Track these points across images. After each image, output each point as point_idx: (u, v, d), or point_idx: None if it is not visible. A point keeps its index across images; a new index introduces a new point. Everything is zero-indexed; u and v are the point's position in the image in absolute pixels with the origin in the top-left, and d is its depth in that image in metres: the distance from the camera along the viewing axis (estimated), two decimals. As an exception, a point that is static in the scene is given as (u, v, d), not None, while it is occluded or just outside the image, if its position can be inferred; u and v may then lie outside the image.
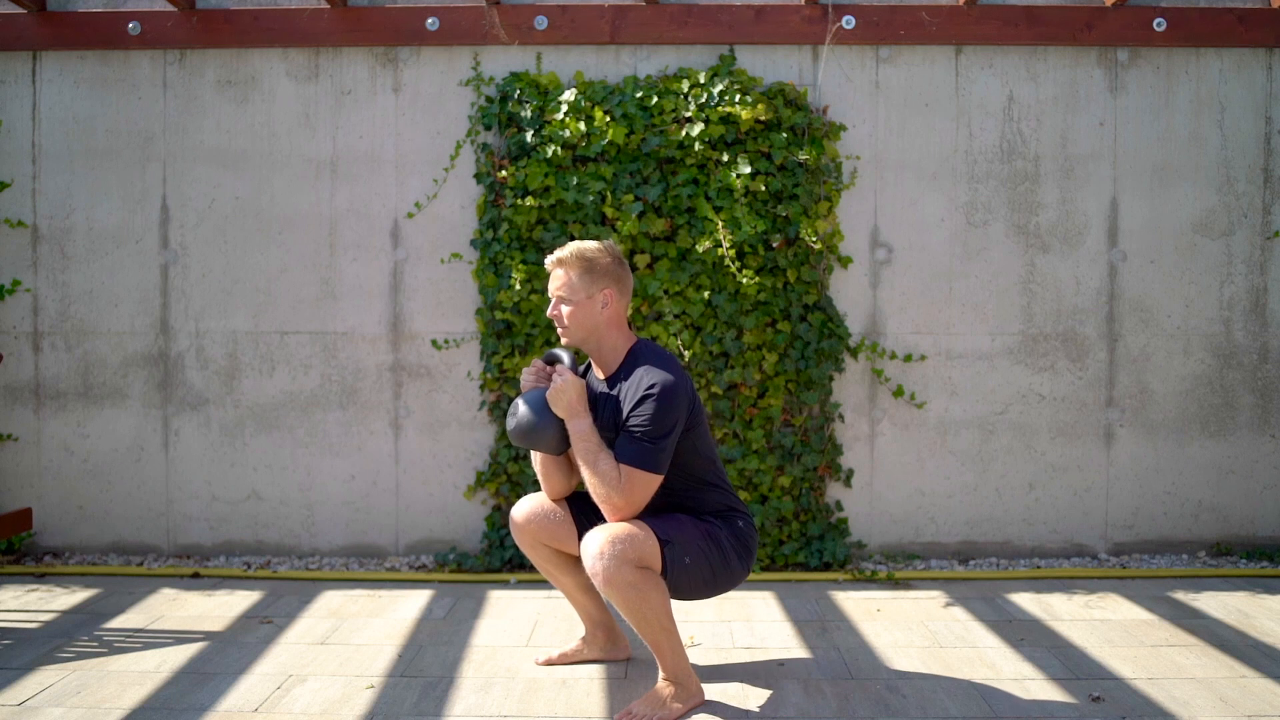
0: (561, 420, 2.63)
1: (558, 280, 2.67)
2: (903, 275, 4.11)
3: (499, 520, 4.08)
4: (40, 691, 2.74)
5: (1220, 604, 3.52)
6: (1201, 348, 4.14)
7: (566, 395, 2.60)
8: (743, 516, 2.70)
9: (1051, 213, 4.12)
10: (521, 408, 2.67)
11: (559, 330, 2.69)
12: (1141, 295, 4.13)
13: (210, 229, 4.15)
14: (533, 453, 2.80)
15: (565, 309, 2.65)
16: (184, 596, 3.67)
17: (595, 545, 2.47)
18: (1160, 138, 4.12)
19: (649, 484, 2.52)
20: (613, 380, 2.67)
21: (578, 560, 2.87)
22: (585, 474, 2.56)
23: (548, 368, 2.74)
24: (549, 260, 2.69)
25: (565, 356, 2.70)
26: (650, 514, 2.60)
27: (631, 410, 2.54)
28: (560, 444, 2.68)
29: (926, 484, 4.13)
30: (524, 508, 2.82)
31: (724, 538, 2.63)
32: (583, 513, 2.78)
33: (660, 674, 2.62)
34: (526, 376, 2.74)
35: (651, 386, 2.53)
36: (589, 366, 2.82)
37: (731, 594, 3.68)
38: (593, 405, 2.67)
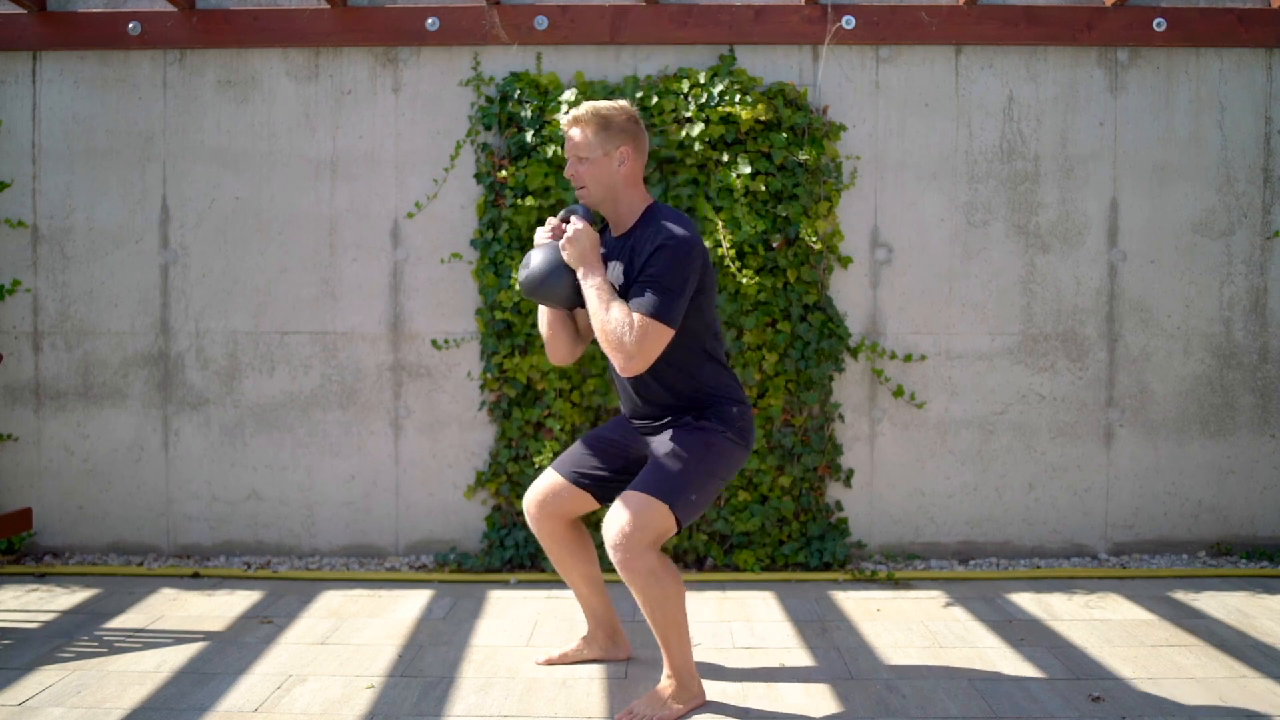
0: (573, 272, 2.60)
1: (575, 138, 2.64)
2: (903, 275, 4.11)
3: (499, 520, 4.08)
4: (40, 691, 2.74)
5: (1220, 604, 3.52)
6: (1201, 348, 4.14)
7: (579, 243, 2.56)
8: (737, 402, 2.67)
9: (1051, 213, 4.12)
10: (534, 258, 2.63)
11: (577, 191, 2.67)
12: (1141, 295, 4.13)
13: (210, 229, 4.15)
14: (540, 312, 2.78)
15: (582, 167, 2.63)
16: (184, 596, 3.67)
17: (613, 533, 2.47)
18: (1160, 138, 4.12)
19: (662, 334, 2.48)
20: (628, 236, 2.65)
21: (590, 552, 2.87)
22: (596, 323, 2.51)
23: (562, 225, 2.70)
24: (565, 119, 2.66)
25: (580, 210, 2.68)
26: (643, 414, 2.63)
27: (646, 261, 2.51)
28: (571, 297, 2.64)
29: (926, 484, 4.13)
30: (534, 494, 2.82)
31: (718, 440, 2.61)
32: (588, 488, 2.78)
33: (664, 671, 2.62)
34: (541, 233, 2.72)
35: (668, 238, 2.50)
36: (605, 228, 2.78)
37: (731, 594, 3.68)
38: (606, 262, 2.65)
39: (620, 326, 2.47)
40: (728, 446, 2.62)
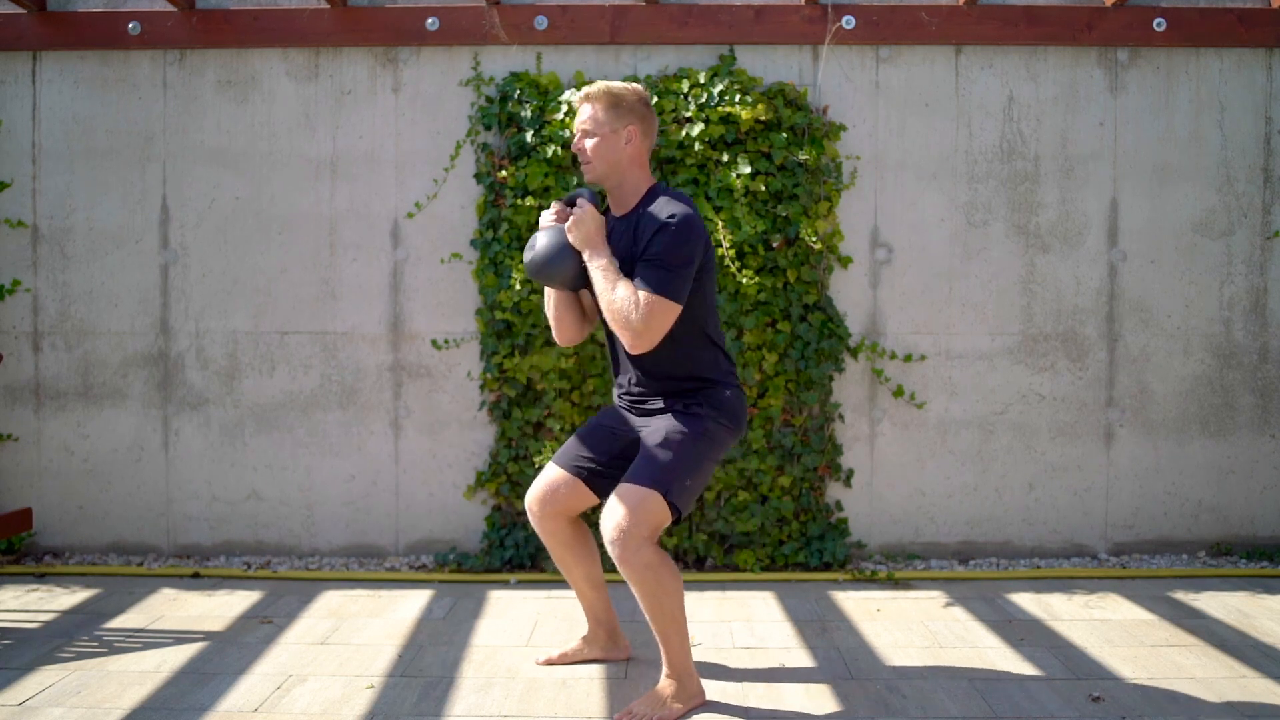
0: (578, 254, 2.62)
1: (584, 114, 2.66)
2: (903, 275, 4.11)
3: (499, 520, 4.08)
4: (40, 691, 2.74)
5: (1220, 604, 3.52)
6: (1201, 348, 4.14)
7: (585, 225, 2.59)
8: (730, 384, 2.69)
9: (1051, 213, 4.12)
10: (540, 240, 2.65)
11: (582, 165, 2.69)
12: (1141, 295, 4.13)
13: (210, 229, 4.15)
14: (546, 294, 2.80)
15: (589, 142, 2.65)
16: (184, 596, 3.67)
17: (610, 528, 2.48)
18: (1160, 138, 4.12)
19: (668, 311, 2.50)
20: (630, 216, 2.67)
21: (592, 552, 2.88)
22: (603, 302, 2.54)
23: (568, 209, 2.72)
24: (576, 96, 2.69)
25: (585, 193, 2.70)
26: (640, 406, 2.67)
27: (649, 240, 2.53)
28: (576, 278, 2.66)
29: (926, 484, 4.13)
30: (535, 492, 2.82)
31: (709, 426, 2.62)
32: (586, 479, 2.78)
33: (663, 671, 2.62)
34: (546, 216, 2.74)
35: (671, 216, 2.53)
36: (608, 209, 2.80)
37: (731, 594, 3.68)
38: (609, 242, 2.66)
39: (627, 304, 2.49)
40: (718, 431, 2.64)
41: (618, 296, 2.51)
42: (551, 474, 2.82)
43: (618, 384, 2.82)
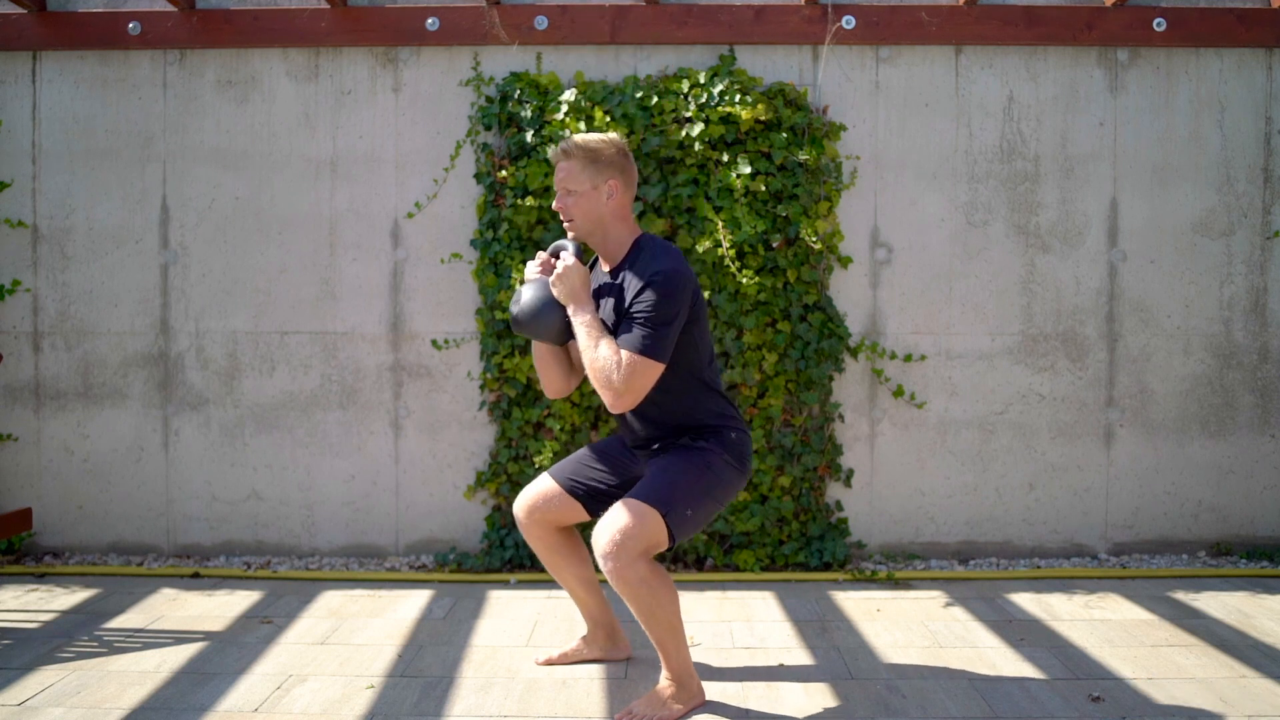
0: (564, 308, 2.61)
1: (563, 172, 2.64)
2: (903, 275, 4.11)
3: (499, 520, 4.08)
4: (40, 691, 2.74)
5: (1220, 604, 3.52)
6: (1201, 348, 4.14)
7: (569, 280, 2.57)
8: (735, 427, 2.68)
9: (1051, 213, 4.12)
10: (525, 295, 2.64)
11: (565, 224, 2.67)
12: (1141, 295, 4.13)
13: (210, 229, 4.15)
14: (533, 346, 2.79)
15: (570, 200, 2.64)
16: (184, 596, 3.67)
17: (604, 541, 2.46)
18: (1160, 138, 4.12)
19: (650, 371, 2.49)
20: (616, 271, 2.66)
21: (583, 554, 2.88)
22: (586, 360, 2.53)
23: (552, 260, 2.71)
24: (554, 152, 2.66)
25: (570, 246, 2.68)
26: (639, 441, 2.64)
27: (634, 297, 2.52)
28: (561, 333, 2.65)
29: (926, 484, 4.13)
30: (524, 500, 2.83)
31: (716, 461, 2.61)
32: (581, 498, 2.78)
33: (662, 673, 2.62)
34: (531, 268, 2.72)
35: (655, 274, 2.51)
36: (595, 261, 2.79)
37: (731, 594, 3.68)
38: (596, 298, 2.66)
39: (608, 364, 2.48)
40: (725, 469, 2.63)
41: (600, 355, 2.49)
42: (545, 486, 2.81)
43: (622, 431, 2.81)
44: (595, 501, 2.78)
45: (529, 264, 2.74)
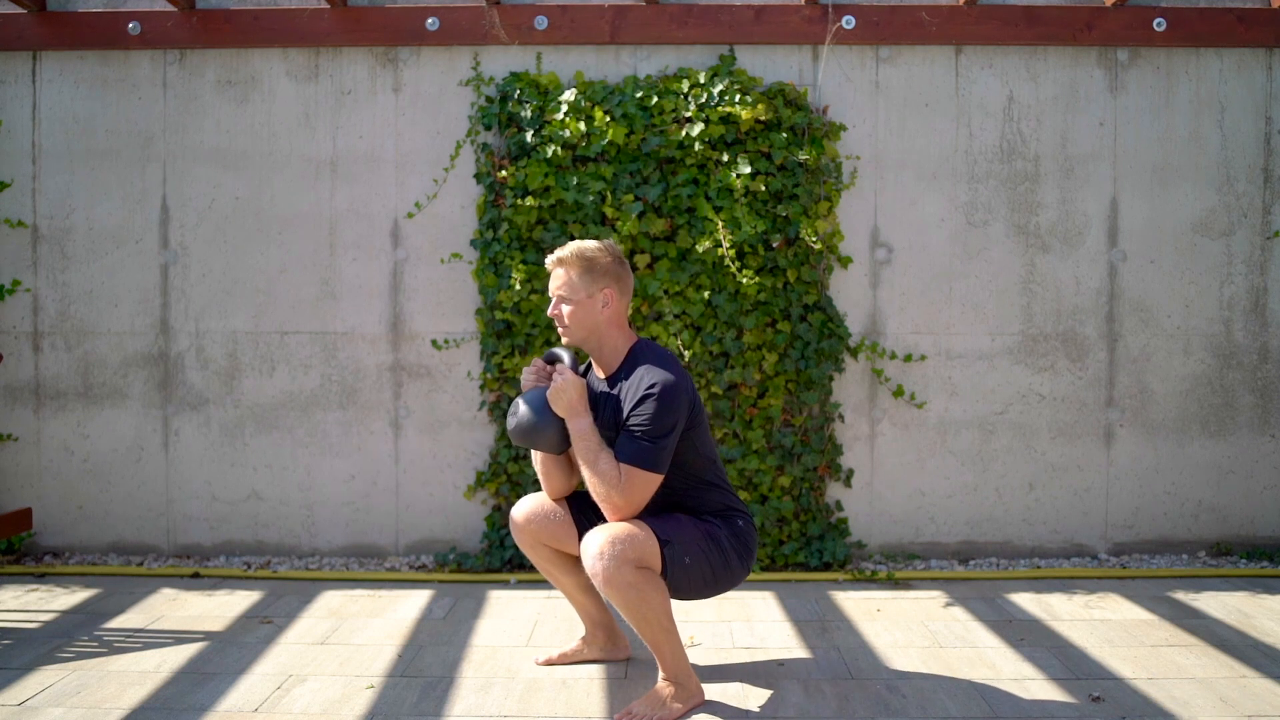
0: (562, 419, 2.63)
1: (558, 279, 2.66)
2: (903, 275, 4.11)
3: (499, 520, 4.08)
4: (40, 691, 2.74)
5: (1220, 604, 3.52)
6: (1201, 348, 4.14)
7: (567, 394, 2.59)
8: (742, 516, 2.70)
9: (1051, 213, 4.12)
10: (522, 407, 2.67)
11: (559, 330, 2.69)
12: (1141, 295, 4.13)
13: (210, 229, 4.15)
14: (533, 451, 2.80)
15: (566, 308, 2.65)
16: (184, 596, 3.67)
17: (595, 546, 2.47)
18: (1160, 138, 4.12)
19: (649, 483, 2.52)
20: (613, 380, 2.68)
21: (578, 560, 2.87)
22: (585, 473, 2.56)
23: (548, 367, 2.74)
24: (549, 260, 2.69)
25: (566, 355, 2.70)
26: (650, 514, 2.60)
27: (632, 410, 2.54)
28: (560, 443, 2.67)
29: (926, 484, 4.13)
30: (524, 508, 2.82)
31: (724, 537, 2.63)
32: (583, 512, 2.78)
33: (660, 674, 2.62)
34: (527, 376, 2.74)
35: (652, 386, 2.53)
36: (589, 366, 2.82)
37: (731, 594, 3.68)
38: (593, 405, 2.67)
39: (608, 479, 2.51)
40: (728, 548, 2.63)
41: (599, 471, 2.52)
42: (550, 503, 2.81)
43: None
44: (592, 520, 2.76)
45: (524, 371, 2.75)
